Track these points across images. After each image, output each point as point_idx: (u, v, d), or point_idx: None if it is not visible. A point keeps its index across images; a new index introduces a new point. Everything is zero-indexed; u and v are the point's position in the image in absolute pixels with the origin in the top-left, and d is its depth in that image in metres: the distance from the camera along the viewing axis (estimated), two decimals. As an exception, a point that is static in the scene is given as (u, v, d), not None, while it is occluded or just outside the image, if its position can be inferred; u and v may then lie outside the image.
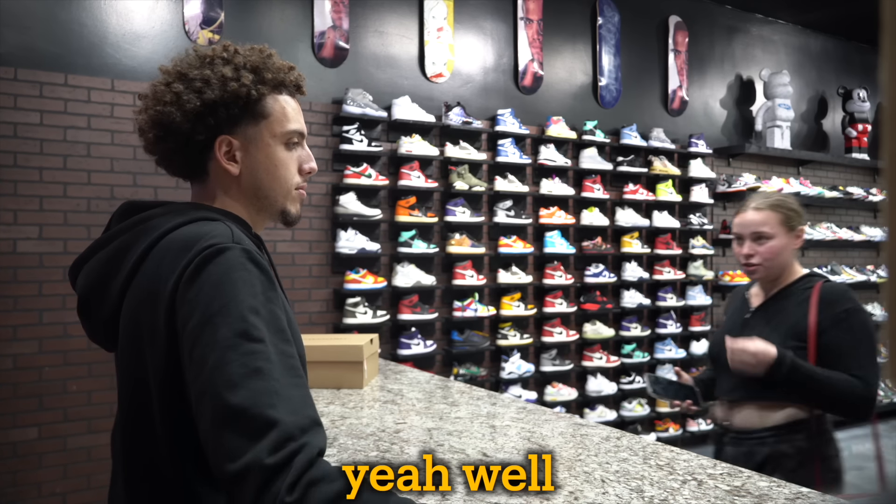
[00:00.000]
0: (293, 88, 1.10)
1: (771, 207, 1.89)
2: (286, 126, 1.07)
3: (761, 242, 1.88)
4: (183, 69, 1.03)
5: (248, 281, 0.89)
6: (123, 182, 3.14)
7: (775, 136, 5.42)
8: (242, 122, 1.04)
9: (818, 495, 1.09)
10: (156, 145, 1.04)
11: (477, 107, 4.15)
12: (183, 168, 1.07)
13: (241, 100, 1.02)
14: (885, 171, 0.32)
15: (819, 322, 1.77)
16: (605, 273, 4.43)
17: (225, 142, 1.03)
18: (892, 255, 0.31)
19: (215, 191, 1.07)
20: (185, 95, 1.00)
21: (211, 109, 1.01)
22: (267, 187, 1.07)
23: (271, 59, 1.07)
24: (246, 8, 3.48)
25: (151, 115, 1.02)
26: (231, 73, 1.02)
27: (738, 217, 1.93)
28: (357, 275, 3.59)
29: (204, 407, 0.82)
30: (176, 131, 1.01)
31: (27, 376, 2.93)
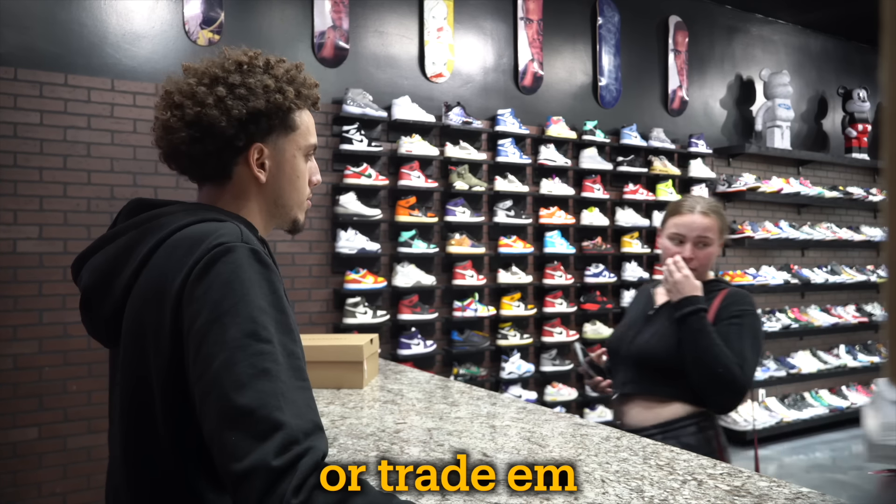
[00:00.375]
0: (314, 104, 1.15)
1: (715, 214, 1.93)
2: (309, 140, 1.12)
3: (701, 248, 1.90)
4: (220, 73, 1.04)
5: (256, 281, 0.89)
6: (123, 182, 3.14)
7: (775, 136, 5.42)
8: (275, 133, 1.07)
9: (818, 495, 1.09)
10: (190, 145, 1.03)
11: (477, 107, 4.15)
12: (208, 169, 1.06)
13: (281, 111, 1.05)
14: (885, 171, 0.32)
15: (715, 319, 1.83)
16: (605, 273, 4.43)
17: (258, 149, 1.05)
18: (892, 255, 0.31)
19: (232, 194, 1.07)
20: (230, 101, 1.01)
21: (254, 118, 1.03)
22: (287, 196, 1.11)
23: (303, 74, 1.11)
24: (246, 8, 3.48)
25: (189, 116, 1.01)
26: (273, 85, 1.05)
27: (682, 218, 1.91)
28: (357, 275, 3.59)
29: (210, 406, 0.82)
30: (218, 135, 1.02)
31: (27, 376, 2.93)
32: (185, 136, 1.02)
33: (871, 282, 5.82)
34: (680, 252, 1.91)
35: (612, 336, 2.09)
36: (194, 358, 0.85)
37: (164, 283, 0.92)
